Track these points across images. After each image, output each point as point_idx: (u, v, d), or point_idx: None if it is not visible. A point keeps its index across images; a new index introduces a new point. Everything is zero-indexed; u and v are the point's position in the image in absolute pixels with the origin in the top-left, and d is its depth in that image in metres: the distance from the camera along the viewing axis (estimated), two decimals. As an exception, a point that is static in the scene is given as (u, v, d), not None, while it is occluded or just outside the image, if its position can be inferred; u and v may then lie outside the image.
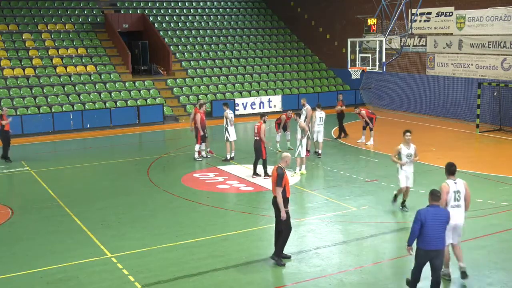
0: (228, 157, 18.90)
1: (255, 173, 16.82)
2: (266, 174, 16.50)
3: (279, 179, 10.15)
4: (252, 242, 11.72)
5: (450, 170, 9.55)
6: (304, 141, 16.99)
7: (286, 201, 10.37)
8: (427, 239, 8.50)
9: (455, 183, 9.49)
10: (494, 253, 10.80)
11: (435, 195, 8.66)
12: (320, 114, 19.06)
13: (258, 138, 16.44)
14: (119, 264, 10.60)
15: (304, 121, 18.63)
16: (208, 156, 19.56)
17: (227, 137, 18.81)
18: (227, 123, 18.75)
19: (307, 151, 19.26)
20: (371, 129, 21.07)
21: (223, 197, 15.26)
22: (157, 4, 36.09)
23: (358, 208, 13.72)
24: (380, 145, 20.70)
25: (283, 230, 10.42)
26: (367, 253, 11.03)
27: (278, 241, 10.49)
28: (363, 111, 21.10)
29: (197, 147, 19.10)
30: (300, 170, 16.98)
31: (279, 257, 10.43)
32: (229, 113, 18.88)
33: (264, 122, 16.88)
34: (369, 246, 11.39)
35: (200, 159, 19.13)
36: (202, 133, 18.78)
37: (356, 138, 21.73)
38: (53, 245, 11.69)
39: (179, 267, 10.44)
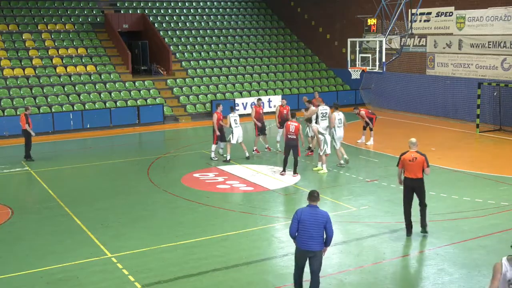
0: (228, 158, 18.91)
1: (284, 171, 16.94)
2: (295, 172, 16.77)
3: (427, 159, 11.39)
4: (252, 242, 11.71)
5: (337, 107, 17.50)
6: (328, 138, 17.26)
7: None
8: (303, 239, 8.63)
9: (338, 114, 17.25)
10: (494, 253, 10.77)
11: (313, 195, 8.97)
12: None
13: (295, 137, 16.58)
14: (119, 264, 10.59)
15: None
16: (266, 150, 19.82)
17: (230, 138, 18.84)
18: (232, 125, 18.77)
19: (311, 150, 19.33)
20: (371, 129, 21.06)
21: (223, 197, 15.25)
22: (157, 4, 36.07)
23: (358, 208, 13.70)
24: (380, 145, 20.68)
25: (424, 206, 11.66)
26: (367, 253, 11.01)
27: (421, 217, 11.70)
28: (363, 112, 21.09)
29: (217, 146, 19.13)
30: (321, 166, 17.28)
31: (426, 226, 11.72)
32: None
33: (298, 120, 17.24)
34: (369, 246, 11.37)
35: (216, 159, 19.09)
36: (218, 134, 18.77)
37: (356, 138, 21.72)
38: (53, 245, 11.68)
39: (179, 267, 10.43)
